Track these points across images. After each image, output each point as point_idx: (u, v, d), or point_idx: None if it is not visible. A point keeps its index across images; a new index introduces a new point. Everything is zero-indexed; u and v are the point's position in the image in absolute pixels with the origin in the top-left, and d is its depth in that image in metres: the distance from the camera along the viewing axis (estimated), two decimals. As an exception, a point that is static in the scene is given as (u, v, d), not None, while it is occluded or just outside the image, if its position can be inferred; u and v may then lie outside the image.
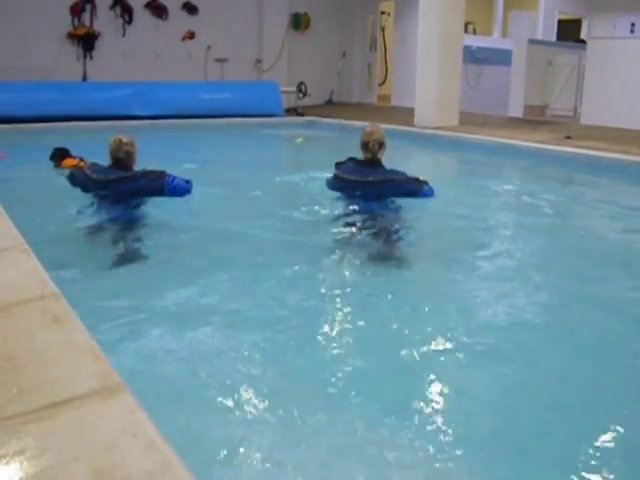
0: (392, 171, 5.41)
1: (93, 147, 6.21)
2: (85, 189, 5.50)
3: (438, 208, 5.85)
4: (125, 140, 5.41)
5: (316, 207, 5.64)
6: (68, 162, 7.09)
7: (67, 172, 5.92)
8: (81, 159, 7.01)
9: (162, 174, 5.37)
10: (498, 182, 7.86)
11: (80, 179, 5.51)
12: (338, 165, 5.57)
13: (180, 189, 5.41)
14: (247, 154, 9.81)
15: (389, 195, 5.41)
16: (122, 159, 5.38)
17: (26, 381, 1.74)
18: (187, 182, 5.50)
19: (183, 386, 2.75)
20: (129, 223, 5.18)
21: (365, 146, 5.39)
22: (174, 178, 5.40)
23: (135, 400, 1.63)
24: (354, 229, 5.05)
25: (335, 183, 5.58)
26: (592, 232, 5.61)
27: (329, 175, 5.66)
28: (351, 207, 5.40)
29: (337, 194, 5.62)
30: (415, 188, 5.40)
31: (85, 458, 1.41)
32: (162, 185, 5.32)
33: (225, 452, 2.30)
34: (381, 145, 5.38)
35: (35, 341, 1.98)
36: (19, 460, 1.40)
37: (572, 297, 4.02)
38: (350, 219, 5.23)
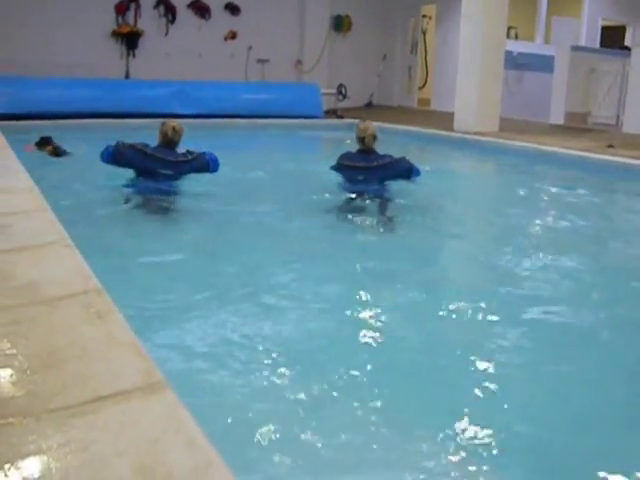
0: (386, 155, 6.25)
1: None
2: (140, 165, 5.97)
3: (470, 210, 5.94)
4: (178, 125, 6.14)
5: (337, 193, 6.31)
6: (49, 148, 8.21)
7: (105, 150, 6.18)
8: (59, 146, 8.25)
9: (204, 154, 6.19)
10: (536, 189, 7.78)
11: (129, 155, 5.90)
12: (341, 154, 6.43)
13: (218, 164, 6.23)
14: (284, 153, 9.87)
15: (390, 176, 6.26)
16: (175, 142, 6.10)
17: (70, 375, 1.76)
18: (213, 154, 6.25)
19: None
20: (172, 206, 5.79)
21: (362, 140, 6.25)
22: (210, 154, 6.24)
23: (177, 397, 1.64)
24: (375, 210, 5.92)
25: (342, 170, 6.33)
26: (631, 242, 5.52)
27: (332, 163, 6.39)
28: (364, 191, 6.14)
29: (343, 180, 6.39)
30: (408, 165, 6.24)
31: (128, 453, 1.42)
32: (208, 163, 6.15)
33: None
34: (375, 138, 6.27)
35: (78, 336, 2.00)
36: (64, 453, 1.42)
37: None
38: (366, 201, 6.04)
